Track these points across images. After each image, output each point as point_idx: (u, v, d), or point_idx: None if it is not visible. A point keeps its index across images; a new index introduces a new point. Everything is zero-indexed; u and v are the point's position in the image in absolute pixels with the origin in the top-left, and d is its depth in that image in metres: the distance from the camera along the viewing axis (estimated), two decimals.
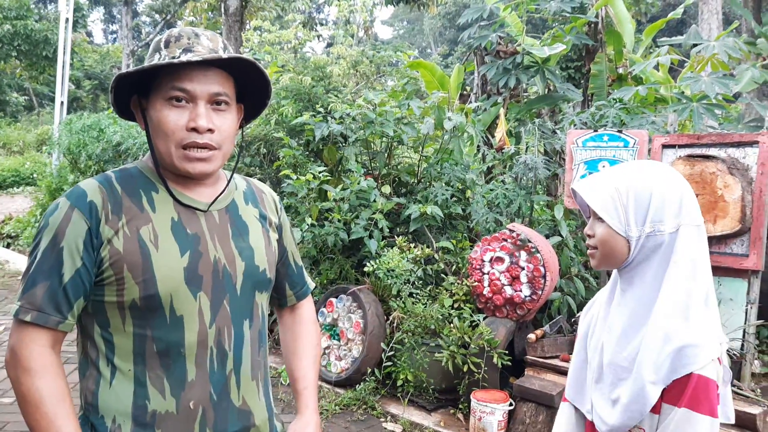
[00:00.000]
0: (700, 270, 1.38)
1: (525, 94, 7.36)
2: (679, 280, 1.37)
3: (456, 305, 4.54)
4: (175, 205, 1.42)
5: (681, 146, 4.06)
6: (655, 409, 1.37)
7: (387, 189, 5.50)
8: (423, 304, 4.53)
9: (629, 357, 1.41)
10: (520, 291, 4.32)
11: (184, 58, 1.34)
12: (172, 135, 1.36)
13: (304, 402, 1.65)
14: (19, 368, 1.30)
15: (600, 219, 1.43)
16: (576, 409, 1.64)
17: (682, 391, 1.32)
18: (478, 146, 6.41)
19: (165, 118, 1.36)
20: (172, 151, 1.37)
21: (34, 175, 14.73)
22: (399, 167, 6.20)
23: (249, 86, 1.48)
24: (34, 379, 1.29)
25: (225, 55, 1.36)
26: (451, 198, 5.42)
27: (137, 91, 1.42)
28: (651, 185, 1.38)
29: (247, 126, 6.29)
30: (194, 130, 1.36)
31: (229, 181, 1.54)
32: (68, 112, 13.73)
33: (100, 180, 1.40)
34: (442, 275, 4.88)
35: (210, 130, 1.37)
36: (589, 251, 1.50)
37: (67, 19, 13.43)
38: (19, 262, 9.15)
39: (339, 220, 5.12)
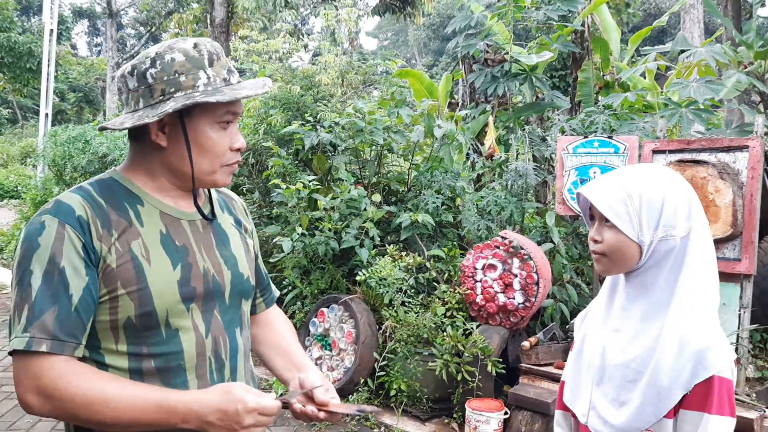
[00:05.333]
0: (711, 273, 1.40)
1: (514, 101, 7.38)
2: (694, 284, 1.38)
3: (449, 313, 4.51)
4: (162, 217, 1.38)
5: (671, 151, 4.07)
6: (668, 414, 1.36)
7: (377, 197, 5.47)
8: (415, 313, 4.50)
9: (641, 359, 1.40)
10: (513, 298, 4.30)
11: (233, 80, 1.39)
12: (222, 156, 1.39)
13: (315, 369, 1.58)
14: (55, 394, 1.21)
15: (608, 224, 1.42)
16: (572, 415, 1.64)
17: (708, 396, 1.32)
18: (468, 154, 6.41)
19: (218, 140, 1.37)
20: (217, 169, 1.40)
21: (19, 188, 14.59)
22: (389, 176, 6.18)
23: None
24: (77, 385, 1.21)
25: (265, 90, 1.39)
26: (441, 206, 5.40)
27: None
28: (663, 190, 1.38)
29: None
30: (238, 150, 1.41)
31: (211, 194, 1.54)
32: (52, 125, 13.62)
33: (81, 194, 1.33)
34: (434, 283, 4.85)
35: None
36: (594, 257, 1.48)
37: (51, 31, 13.34)
38: (2, 275, 9.02)
39: (329, 230, 5.08)
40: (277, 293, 1.79)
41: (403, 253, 4.91)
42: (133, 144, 1.42)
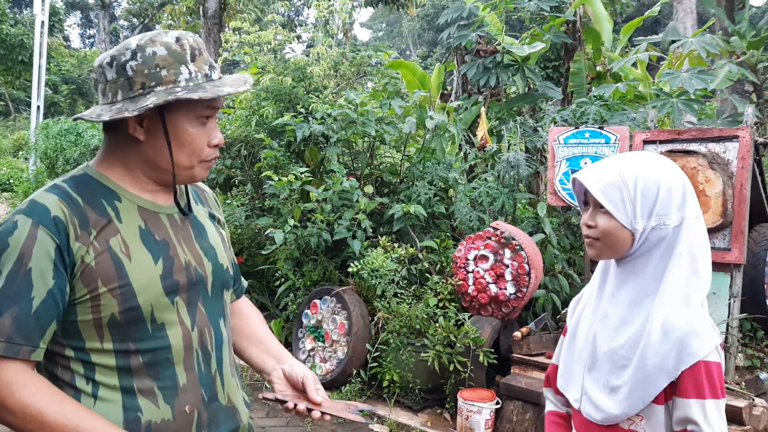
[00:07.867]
0: (701, 263, 1.41)
1: (506, 92, 7.38)
2: (682, 273, 1.39)
3: (441, 304, 4.52)
4: (140, 212, 1.37)
5: (662, 142, 4.08)
6: (658, 400, 1.38)
7: (370, 189, 5.47)
8: (408, 304, 4.51)
9: (628, 345, 1.42)
10: (505, 289, 4.31)
11: (215, 76, 1.37)
12: (200, 152, 1.38)
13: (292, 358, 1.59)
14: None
15: (602, 210, 1.43)
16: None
17: (699, 382, 1.34)
18: (460, 145, 6.41)
19: (197, 136, 1.36)
20: (195, 164, 1.39)
21: (11, 181, 14.51)
22: (381, 167, 6.17)
23: None
24: (19, 398, 1.20)
25: (246, 88, 1.37)
26: (434, 197, 5.40)
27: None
28: (657, 179, 1.39)
29: (228, 128, 6.26)
30: (216, 146, 1.40)
31: (187, 189, 1.53)
32: (45, 117, 13.55)
33: (57, 192, 1.29)
34: (427, 275, 4.86)
35: None
36: (587, 241, 1.49)
37: (42, 23, 13.26)
38: None
39: (322, 221, 5.08)
40: (245, 284, 1.78)
41: (396, 245, 4.92)
42: (108, 137, 1.40)
